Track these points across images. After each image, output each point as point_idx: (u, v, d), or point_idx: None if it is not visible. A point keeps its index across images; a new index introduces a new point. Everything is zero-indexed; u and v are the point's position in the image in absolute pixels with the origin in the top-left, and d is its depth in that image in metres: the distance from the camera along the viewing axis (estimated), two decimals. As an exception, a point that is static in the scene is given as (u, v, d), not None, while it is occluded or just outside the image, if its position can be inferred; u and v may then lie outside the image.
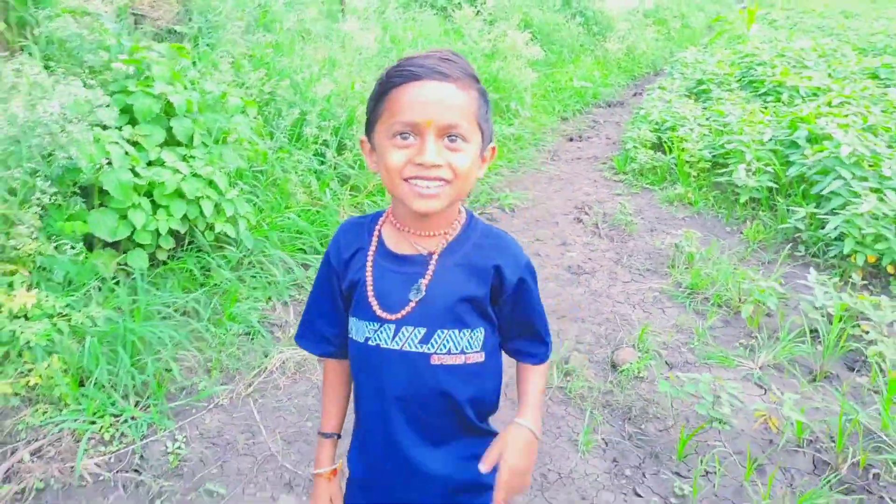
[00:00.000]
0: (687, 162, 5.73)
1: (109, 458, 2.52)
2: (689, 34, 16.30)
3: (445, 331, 1.27)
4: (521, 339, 1.40)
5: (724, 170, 5.31)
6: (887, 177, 4.08)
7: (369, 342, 1.29)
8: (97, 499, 2.34)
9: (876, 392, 2.86)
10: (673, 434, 2.68)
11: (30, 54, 3.66)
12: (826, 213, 4.10)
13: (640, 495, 2.40)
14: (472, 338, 1.29)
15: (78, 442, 2.55)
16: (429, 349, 1.27)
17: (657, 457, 2.59)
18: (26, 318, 2.86)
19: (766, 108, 6.26)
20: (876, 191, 4.01)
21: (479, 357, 1.30)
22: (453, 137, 1.16)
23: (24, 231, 2.96)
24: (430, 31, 8.08)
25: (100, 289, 3.15)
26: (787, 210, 4.52)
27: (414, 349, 1.27)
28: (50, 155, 3.05)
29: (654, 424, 2.77)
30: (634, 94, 10.51)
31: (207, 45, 4.97)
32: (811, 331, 3.27)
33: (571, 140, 7.82)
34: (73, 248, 3.10)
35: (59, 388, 2.74)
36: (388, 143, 1.18)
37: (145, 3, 5.50)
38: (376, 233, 1.32)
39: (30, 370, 2.76)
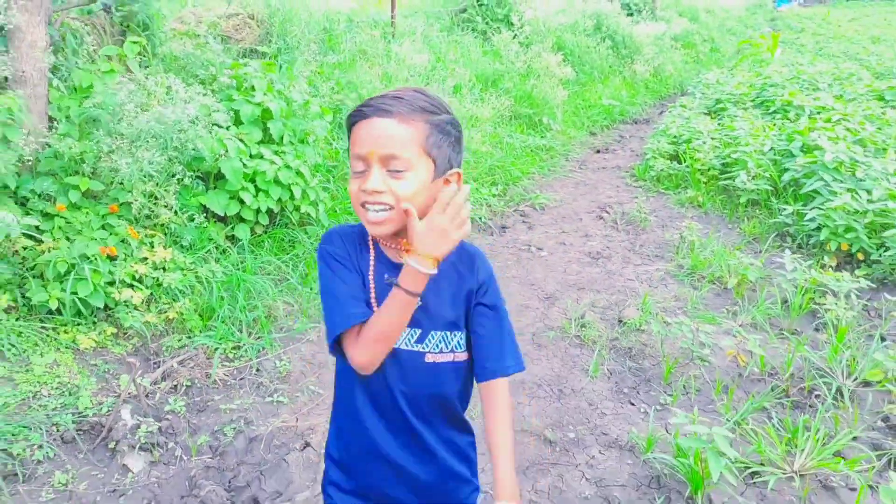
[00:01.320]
0: (699, 170, 6.49)
1: (233, 370, 3.36)
2: (717, 57, 16.98)
3: (438, 332, 1.41)
4: (490, 348, 1.44)
5: (729, 175, 6.05)
6: (861, 179, 4.81)
7: None
8: (230, 393, 3.18)
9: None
10: (663, 368, 3.43)
11: (147, 67, 4.55)
12: (809, 210, 4.83)
13: (633, 404, 3.17)
14: (460, 338, 1.43)
15: (209, 358, 3.39)
16: (423, 348, 1.40)
17: (649, 381, 3.35)
18: (164, 269, 3.73)
19: (773, 124, 6.99)
20: (851, 191, 4.73)
21: (464, 356, 1.45)
22: (395, 166, 1.29)
23: (162, 204, 3.84)
24: (470, 52, 8.94)
25: (213, 251, 4.01)
26: (779, 209, 5.25)
27: (410, 348, 1.39)
28: (180, 147, 3.92)
29: (649, 361, 3.53)
30: (660, 113, 11.22)
31: (286, 62, 5.87)
32: (783, 301, 4.01)
33: (598, 152, 8.60)
34: (195, 219, 3.98)
35: (191, 321, 3.59)
36: (351, 174, 1.35)
37: (231, 26, 6.45)
38: (371, 243, 1.43)
39: (168, 307, 3.63)
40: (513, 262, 4.91)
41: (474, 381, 1.48)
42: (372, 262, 1.41)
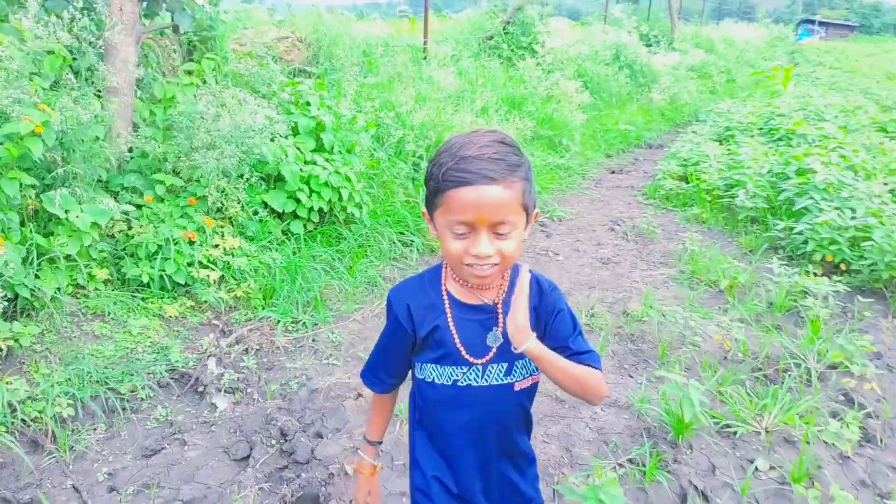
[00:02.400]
0: (704, 190, 7.06)
1: (293, 339, 3.96)
2: (732, 88, 17.55)
3: (521, 361, 1.50)
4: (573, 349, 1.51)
5: (731, 195, 6.62)
6: (846, 198, 5.36)
7: (458, 384, 1.49)
8: (292, 356, 3.78)
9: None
10: (659, 349, 3.99)
11: (216, 83, 5.19)
12: (799, 225, 5.38)
13: (631, 376, 3.73)
14: None
15: (273, 329, 4.00)
16: (512, 379, 1.50)
17: (647, 360, 3.91)
18: (232, 255, 4.35)
19: (775, 150, 7.55)
20: (837, 208, 5.28)
21: (539, 376, 1.55)
22: (502, 230, 1.32)
23: (233, 198, 4.47)
24: (496, 77, 9.59)
25: (273, 242, 4.63)
26: (773, 224, 5.81)
27: (500, 382, 1.49)
28: (248, 151, 4.55)
29: (647, 345, 4.09)
30: (674, 139, 11.82)
31: (330, 81, 6.53)
32: (769, 303, 4.56)
33: (613, 172, 9.20)
34: (258, 213, 4.61)
35: (255, 299, 4.21)
36: (447, 233, 1.35)
37: (281, 48, 7.14)
38: (443, 290, 1.50)
39: (237, 287, 4.24)
40: (532, 264, 5.49)
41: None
42: (448, 310, 1.49)
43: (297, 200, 4.76)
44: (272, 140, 4.68)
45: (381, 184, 5.68)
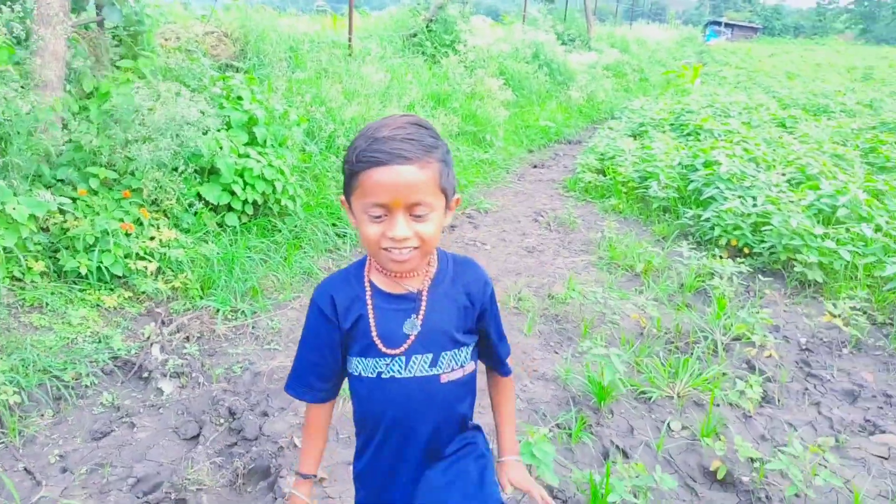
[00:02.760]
0: (620, 182, 7.46)
1: (233, 328, 4.06)
2: (645, 86, 18.32)
3: (448, 352, 1.46)
4: (493, 352, 1.63)
5: (644, 186, 7.04)
6: (748, 187, 5.82)
7: (382, 376, 1.46)
8: (234, 342, 3.89)
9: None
10: (582, 328, 4.28)
11: (142, 77, 5.22)
12: (706, 212, 5.81)
13: (557, 353, 4.01)
14: (467, 352, 1.51)
15: (213, 318, 4.09)
16: (437, 371, 1.46)
17: (570, 338, 4.20)
18: (169, 247, 4.42)
19: (684, 144, 8.04)
20: (740, 197, 5.73)
21: (472, 366, 1.54)
22: (418, 212, 1.30)
23: (170, 189, 4.53)
24: (420, 74, 9.80)
25: (209, 234, 4.71)
26: (683, 212, 6.24)
27: (425, 374, 1.45)
28: (183, 144, 4.62)
29: (571, 324, 4.38)
30: (591, 135, 12.31)
31: (259, 76, 6.60)
32: (680, 284, 4.94)
33: (535, 167, 9.55)
34: (193, 205, 4.68)
35: (193, 290, 4.29)
36: (364, 217, 1.32)
37: (208, 43, 7.15)
38: (366, 281, 1.47)
39: (174, 278, 4.31)
40: (461, 254, 5.72)
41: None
42: (369, 301, 1.46)
43: (232, 193, 4.85)
44: (205, 134, 4.75)
45: (314, 177, 5.81)
